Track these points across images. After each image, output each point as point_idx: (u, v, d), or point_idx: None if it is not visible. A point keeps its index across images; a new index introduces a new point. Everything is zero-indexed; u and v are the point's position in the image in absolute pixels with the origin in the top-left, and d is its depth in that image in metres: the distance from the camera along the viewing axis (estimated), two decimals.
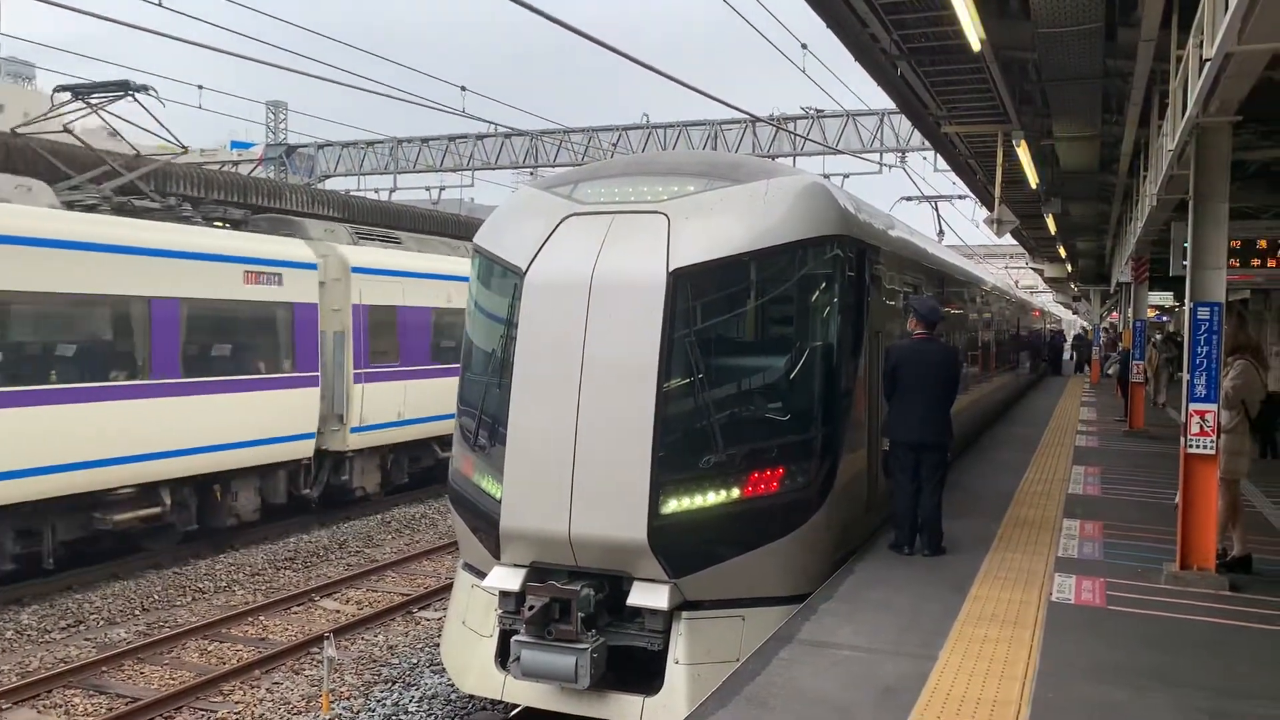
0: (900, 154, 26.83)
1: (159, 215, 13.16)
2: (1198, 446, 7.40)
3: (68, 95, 13.44)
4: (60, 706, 8.32)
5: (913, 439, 8.05)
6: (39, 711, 8.21)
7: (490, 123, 22.15)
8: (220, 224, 14.41)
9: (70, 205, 12.16)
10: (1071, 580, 7.53)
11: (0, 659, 9.33)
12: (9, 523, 10.82)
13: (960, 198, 24.86)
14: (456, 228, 22.59)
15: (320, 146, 34.63)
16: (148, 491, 12.15)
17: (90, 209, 12.32)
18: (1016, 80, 11.28)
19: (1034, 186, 16.41)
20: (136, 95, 13.37)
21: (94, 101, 13.53)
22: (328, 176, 34.37)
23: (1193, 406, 7.39)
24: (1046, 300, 60.95)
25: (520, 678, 6.78)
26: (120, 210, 12.65)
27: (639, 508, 6.63)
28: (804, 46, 18.30)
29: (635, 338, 6.84)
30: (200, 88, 24.66)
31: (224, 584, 11.92)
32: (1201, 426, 7.38)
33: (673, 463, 6.77)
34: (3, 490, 10.48)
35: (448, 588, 10.39)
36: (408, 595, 11.46)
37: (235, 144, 56.68)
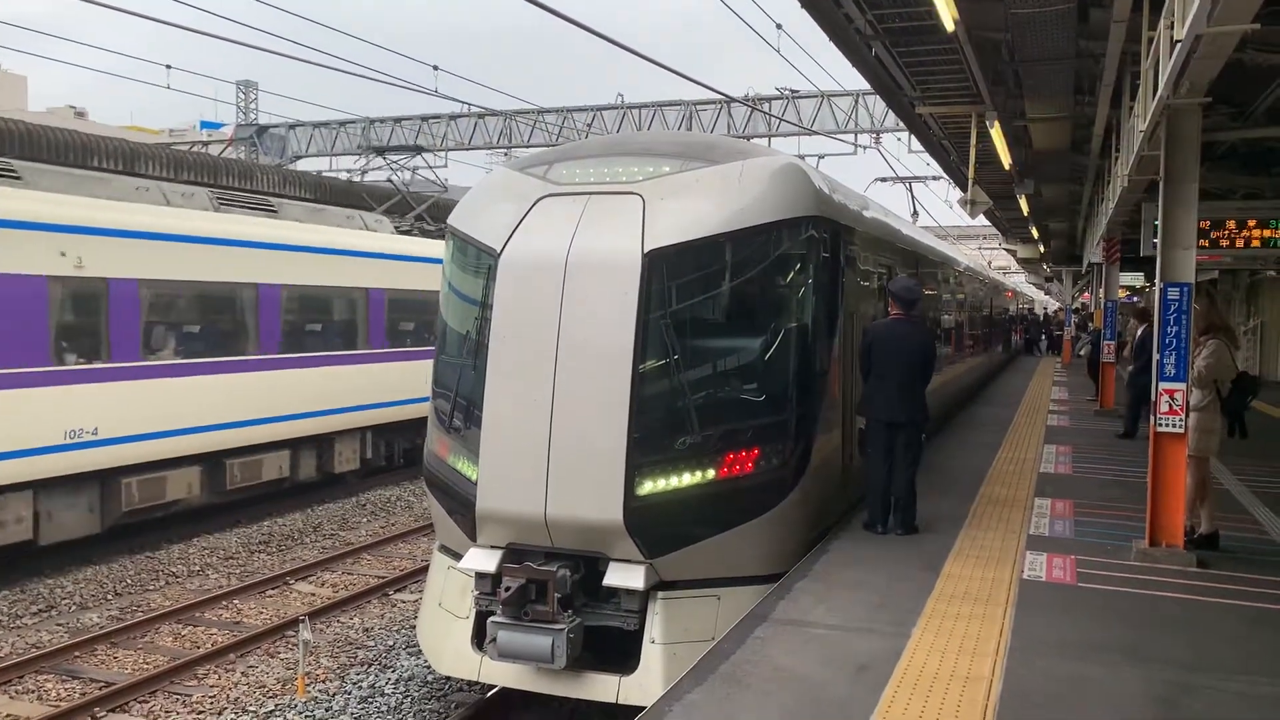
0: (875, 135, 26.90)
1: (436, 235, 18.27)
2: (1167, 425, 7.49)
3: (373, 154, 21.81)
4: (33, 691, 8.26)
5: (887, 416, 8.09)
6: (11, 696, 8.15)
7: (464, 103, 22.03)
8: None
9: (397, 230, 18.12)
10: (1043, 558, 7.62)
11: None
12: (381, 436, 16.83)
13: (934, 179, 25.03)
14: None
15: (291, 127, 34.29)
16: None
17: (406, 233, 18.37)
18: (990, 61, 11.31)
19: (1007, 167, 16.49)
20: (423, 155, 21.22)
21: (390, 160, 21.20)
22: (299, 157, 34.07)
23: (1162, 385, 7.47)
24: (1019, 281, 61.34)
25: (497, 659, 6.80)
26: (423, 234, 18.85)
27: (615, 489, 6.64)
28: (779, 27, 18.28)
29: (610, 319, 6.83)
30: (169, 67, 24.31)
31: (197, 568, 11.85)
32: (1171, 405, 7.46)
33: (648, 444, 6.78)
34: (381, 414, 16.42)
35: (424, 570, 10.39)
36: (383, 578, 11.44)
37: (205, 124, 55.98)
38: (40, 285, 10.93)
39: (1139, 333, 13.98)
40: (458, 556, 7.36)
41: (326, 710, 7.80)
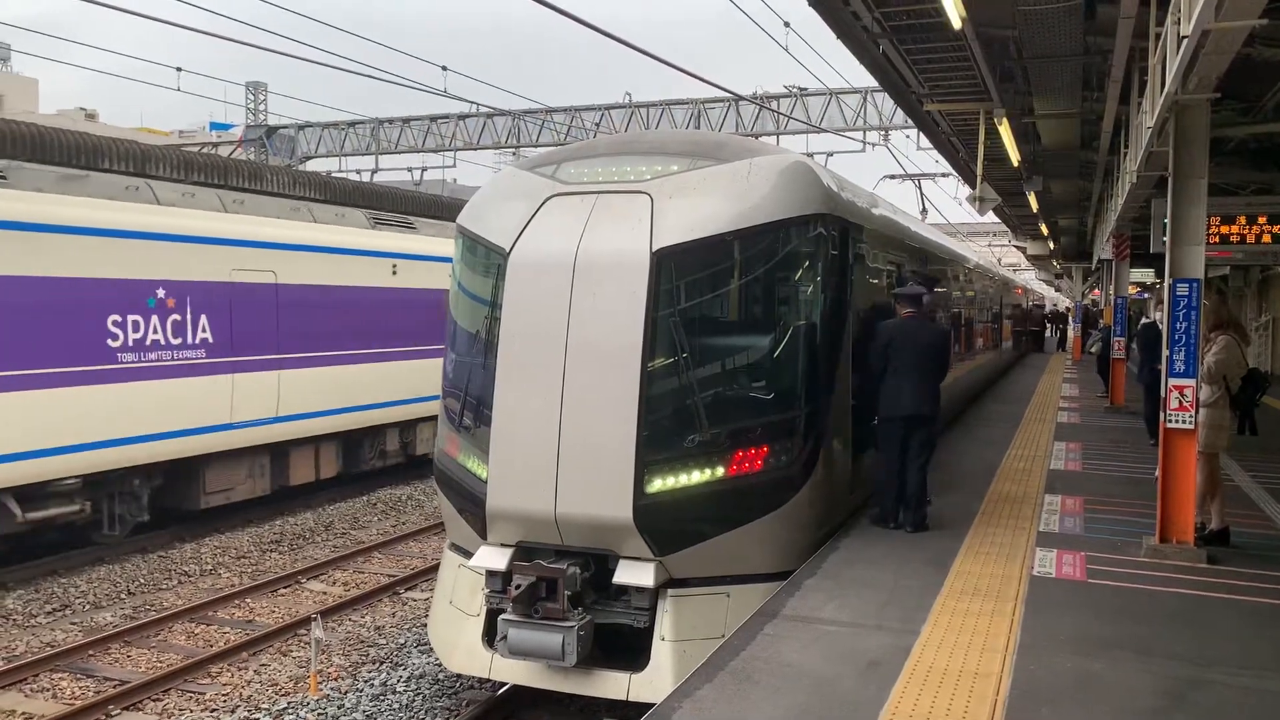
0: (883, 132, 26.82)
1: None
2: (1177, 421, 7.48)
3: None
4: (48, 690, 8.32)
5: (902, 413, 8.14)
6: (26, 695, 8.22)
7: (472, 102, 22.03)
8: None
9: None
10: (1052, 554, 7.62)
11: None
12: None
13: (943, 176, 24.92)
14: None
15: (301, 128, 34.37)
16: None
17: None
18: (997, 58, 11.30)
19: (1016, 164, 16.46)
20: None
21: None
22: (309, 158, 34.14)
23: (1172, 382, 7.47)
24: (1029, 278, 61.21)
25: (507, 656, 6.83)
26: None
27: (624, 487, 6.66)
28: (787, 25, 18.24)
29: (619, 318, 6.85)
30: (179, 70, 24.35)
31: (209, 567, 11.92)
32: (1180, 401, 7.46)
33: (657, 442, 6.80)
34: None
35: (434, 568, 10.42)
36: (394, 576, 11.48)
37: (214, 125, 56.16)
38: (437, 295, 15.74)
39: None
40: (468, 555, 7.39)
41: (339, 708, 7.84)
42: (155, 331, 12.16)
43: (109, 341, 11.60)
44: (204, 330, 12.78)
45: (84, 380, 11.31)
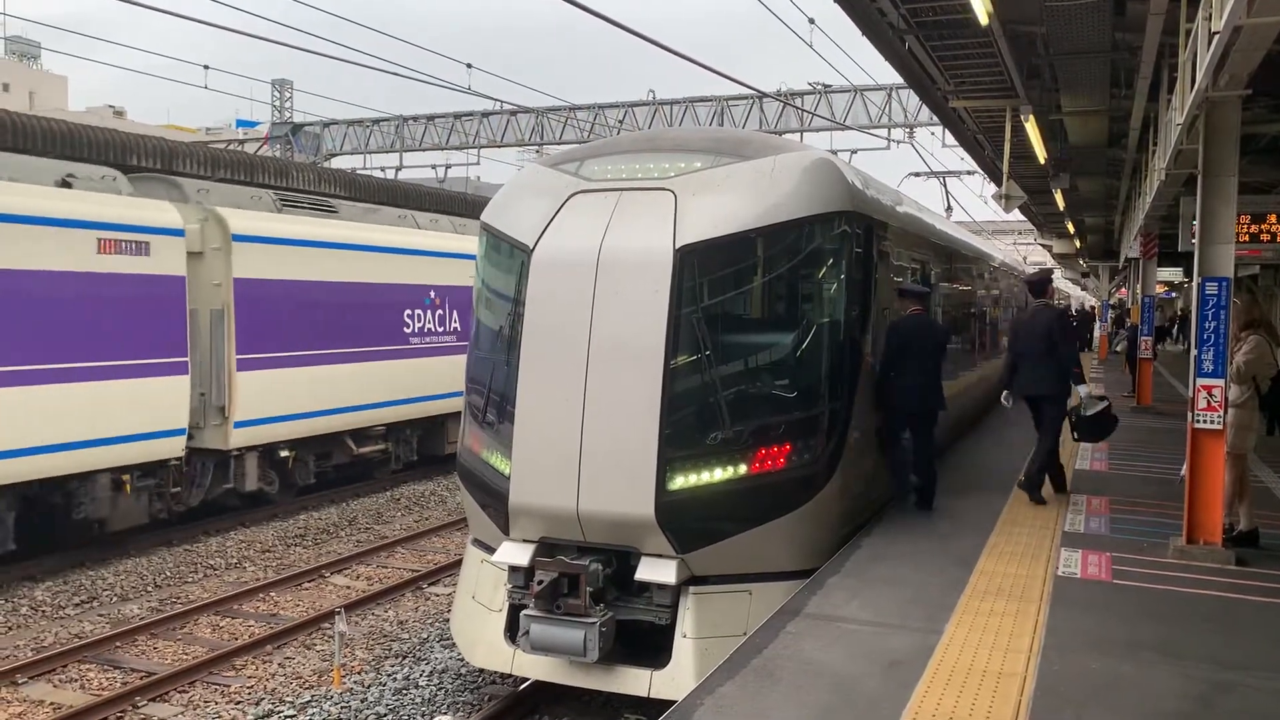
0: (908, 129, 26.70)
1: None
2: (1204, 422, 7.41)
3: None
4: (75, 680, 8.41)
5: (914, 408, 8.43)
6: (55, 685, 8.31)
7: (496, 100, 22.13)
8: None
9: None
10: (1078, 555, 7.56)
11: (16, 634, 9.45)
12: None
13: (969, 173, 24.74)
14: None
15: (325, 125, 34.58)
16: None
17: None
18: (1025, 54, 11.21)
19: (1042, 162, 16.33)
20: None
21: None
22: (333, 155, 34.35)
23: (1200, 381, 7.40)
24: (1054, 276, 60.70)
25: (529, 651, 6.85)
26: None
27: (646, 484, 6.66)
28: (811, 21, 18.15)
29: (642, 315, 6.85)
30: (206, 68, 24.59)
31: (234, 561, 12.01)
32: (1209, 401, 7.38)
33: (680, 439, 6.80)
34: None
35: (457, 564, 10.46)
36: (417, 571, 11.54)
37: (241, 122, 56.61)
38: None
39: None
40: (491, 550, 7.41)
41: (362, 701, 7.88)
42: (428, 322, 16.85)
43: (404, 329, 16.25)
44: (454, 322, 17.47)
45: (390, 356, 15.85)
